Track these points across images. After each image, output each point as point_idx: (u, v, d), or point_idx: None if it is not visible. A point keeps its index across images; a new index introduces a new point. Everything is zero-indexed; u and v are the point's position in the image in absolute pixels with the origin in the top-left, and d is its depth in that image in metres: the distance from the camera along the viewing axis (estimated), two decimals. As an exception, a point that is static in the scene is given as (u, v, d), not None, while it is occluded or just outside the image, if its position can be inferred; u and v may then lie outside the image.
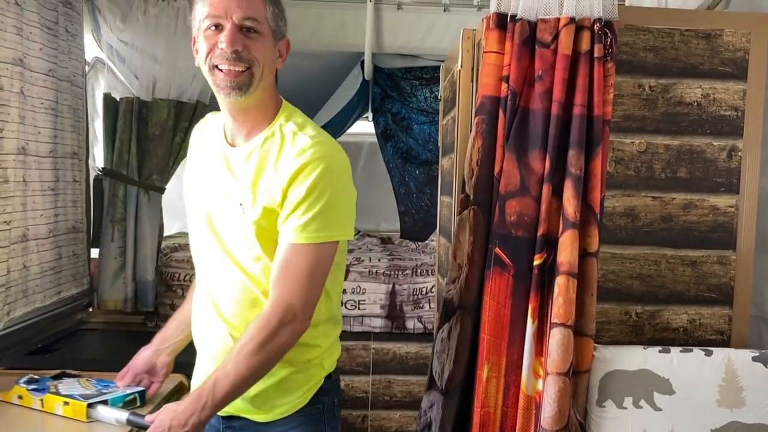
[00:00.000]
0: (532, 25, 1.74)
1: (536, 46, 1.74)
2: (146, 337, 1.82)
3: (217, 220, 1.49)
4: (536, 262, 1.73)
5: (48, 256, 2.74)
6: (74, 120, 2.95)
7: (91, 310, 3.26)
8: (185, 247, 4.18)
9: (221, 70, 1.39)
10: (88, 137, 3.21)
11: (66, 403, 1.66)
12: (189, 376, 2.13)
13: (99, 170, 3.29)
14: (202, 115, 3.29)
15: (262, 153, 1.43)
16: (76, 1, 2.95)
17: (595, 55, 1.72)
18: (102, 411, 1.63)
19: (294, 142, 1.41)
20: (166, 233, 3.73)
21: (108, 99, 3.24)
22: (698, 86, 1.87)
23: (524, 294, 1.74)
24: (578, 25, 1.72)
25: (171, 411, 1.39)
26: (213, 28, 1.40)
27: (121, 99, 3.22)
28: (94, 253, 3.31)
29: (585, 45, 1.72)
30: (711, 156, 1.87)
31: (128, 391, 1.70)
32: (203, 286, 1.56)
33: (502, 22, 1.76)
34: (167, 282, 3.45)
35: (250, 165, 1.44)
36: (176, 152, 3.31)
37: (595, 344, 1.77)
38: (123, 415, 1.57)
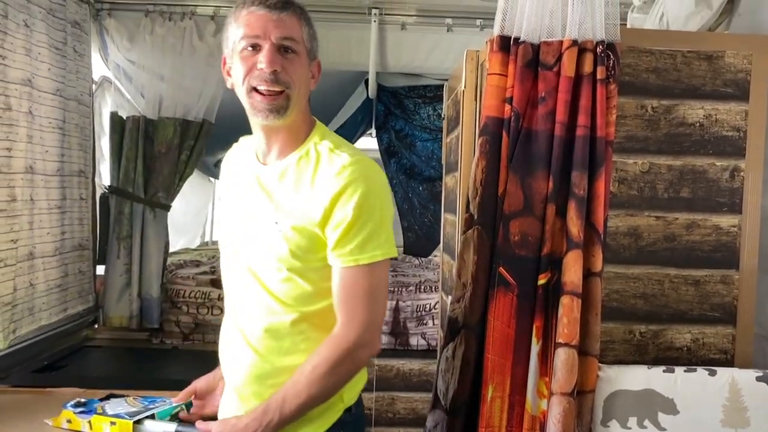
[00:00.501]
0: (535, 48, 1.76)
1: (539, 68, 1.76)
2: (151, 354, 1.85)
3: (247, 241, 1.47)
4: (540, 282, 1.74)
5: (54, 273, 2.76)
6: (81, 138, 2.99)
7: (96, 326, 3.28)
8: (190, 263, 4.20)
9: (259, 93, 1.38)
10: (95, 155, 3.24)
11: (113, 423, 1.64)
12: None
13: (105, 188, 3.32)
14: (207, 134, 3.40)
15: (297, 171, 1.42)
16: (84, 22, 3.00)
17: (598, 76, 1.74)
18: (149, 426, 1.60)
19: (332, 160, 1.39)
20: (171, 249, 3.75)
21: (115, 117, 3.27)
22: (700, 107, 1.88)
23: (529, 314, 1.75)
24: (581, 48, 1.74)
25: (230, 425, 1.38)
26: (250, 48, 1.38)
27: (127, 117, 3.26)
28: (100, 270, 3.33)
29: (588, 67, 1.74)
30: (713, 176, 1.89)
31: (175, 405, 1.66)
32: (231, 312, 1.53)
33: (505, 44, 1.78)
34: (172, 299, 3.47)
35: (285, 183, 1.42)
36: (182, 170, 3.34)
37: (600, 364, 1.77)
38: (170, 427, 1.55)
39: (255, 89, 1.38)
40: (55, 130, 2.74)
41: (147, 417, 1.61)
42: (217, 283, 3.59)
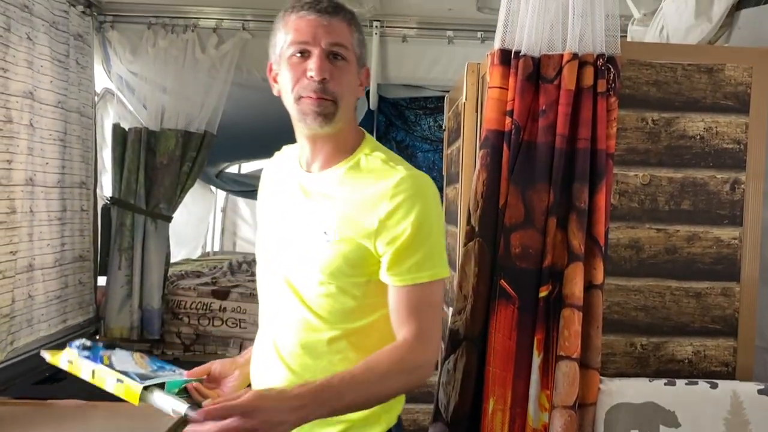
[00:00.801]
0: (536, 61, 1.77)
1: (540, 82, 1.76)
2: None
3: (287, 251, 1.41)
4: (541, 294, 1.74)
5: (54, 285, 2.77)
6: (83, 150, 3.00)
7: (98, 338, 3.28)
8: (192, 274, 4.21)
9: (309, 97, 1.32)
10: (97, 167, 3.25)
11: (119, 381, 1.42)
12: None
13: (107, 199, 3.33)
14: (209, 145, 3.41)
15: (348, 182, 1.36)
16: (87, 34, 3.02)
17: (598, 90, 1.75)
18: (158, 398, 1.40)
19: (387, 173, 1.34)
20: (172, 259, 3.75)
21: (117, 129, 3.29)
22: (701, 120, 1.89)
23: (530, 326, 1.75)
24: (581, 61, 1.75)
25: (271, 398, 1.16)
26: (299, 54, 1.32)
27: (129, 129, 3.27)
28: (102, 281, 3.33)
29: (588, 80, 1.75)
30: (714, 188, 1.89)
31: (187, 378, 1.48)
32: (266, 325, 1.48)
33: (506, 58, 1.78)
34: (173, 310, 3.47)
35: (334, 193, 1.37)
36: (184, 181, 3.36)
37: (601, 377, 1.77)
38: (182, 406, 1.35)
39: (302, 96, 1.33)
40: (56, 142, 2.75)
41: (157, 385, 1.43)
42: (218, 294, 3.60)
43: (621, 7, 2.08)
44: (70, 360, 1.51)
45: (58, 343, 2.87)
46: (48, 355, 1.52)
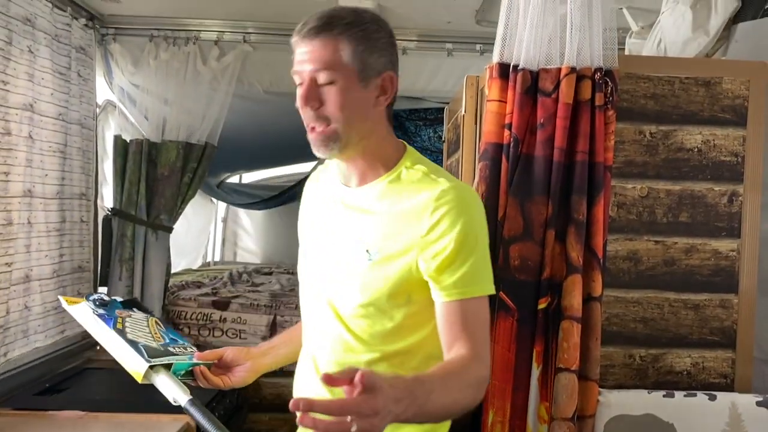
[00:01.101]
0: (534, 75, 1.78)
1: (538, 95, 1.78)
2: None
3: (328, 269, 1.38)
4: (540, 306, 1.75)
5: (51, 296, 2.76)
6: (83, 161, 3.01)
7: (98, 348, 3.29)
8: (192, 285, 4.22)
9: (312, 130, 1.29)
10: (98, 178, 3.26)
11: (127, 353, 1.37)
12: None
13: (108, 210, 3.34)
14: (210, 156, 3.43)
15: (389, 196, 1.32)
16: (89, 47, 3.03)
17: (596, 103, 1.76)
18: (162, 381, 1.35)
19: (429, 185, 1.29)
20: (172, 269, 3.76)
21: (118, 141, 3.30)
22: (698, 132, 1.90)
23: (529, 338, 1.76)
24: (579, 75, 1.76)
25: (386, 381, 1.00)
26: (299, 84, 1.29)
27: (131, 140, 3.29)
28: (103, 291, 3.34)
29: (586, 94, 1.76)
30: (712, 201, 1.90)
31: (195, 360, 1.44)
32: (307, 342, 1.45)
33: (504, 71, 1.80)
34: (174, 320, 3.48)
35: (375, 209, 1.33)
36: (184, 192, 3.37)
37: (600, 389, 1.78)
38: (183, 397, 1.31)
39: (309, 126, 1.30)
40: (55, 153, 2.76)
41: (163, 365, 1.37)
42: (218, 305, 3.61)
43: (619, 20, 2.11)
44: (84, 314, 1.45)
45: (61, 353, 2.88)
46: (65, 302, 1.46)
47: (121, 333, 1.40)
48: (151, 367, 1.34)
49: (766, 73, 1.91)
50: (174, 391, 1.32)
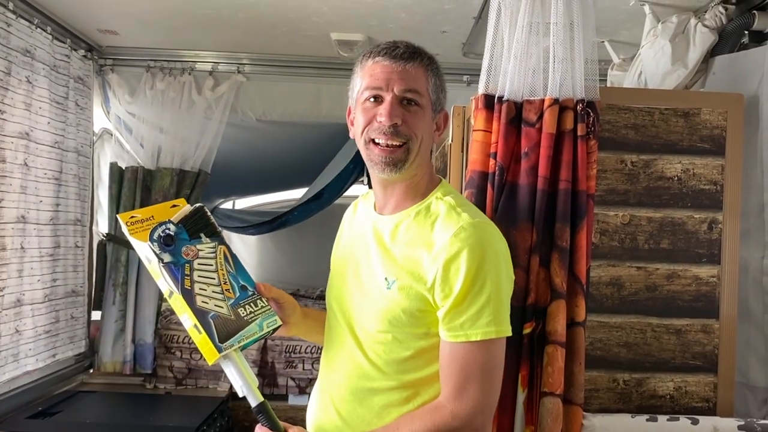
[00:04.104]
0: (518, 106, 1.83)
1: (522, 125, 1.82)
2: (145, 399, 1.78)
3: (351, 294, 1.39)
4: (525, 331, 1.78)
5: (43, 320, 2.79)
6: (79, 188, 3.05)
7: (92, 372, 3.30)
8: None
9: (377, 145, 1.33)
10: (93, 204, 3.31)
11: (197, 329, 1.27)
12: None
13: (103, 235, 3.38)
14: (203, 183, 3.47)
15: (414, 227, 1.34)
16: (87, 77, 3.10)
17: (579, 133, 1.81)
18: (231, 373, 1.29)
19: (450, 220, 1.29)
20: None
21: (114, 168, 3.35)
22: (678, 162, 1.96)
23: (514, 362, 1.78)
24: (562, 106, 1.81)
25: None
26: (372, 99, 1.33)
27: (126, 168, 3.34)
28: (96, 315, 3.36)
29: (569, 124, 1.81)
30: (692, 228, 1.95)
31: (266, 329, 1.34)
32: (324, 365, 1.46)
33: (489, 102, 1.85)
34: (166, 344, 3.49)
35: (399, 238, 1.34)
36: (178, 218, 3.41)
37: (584, 413, 1.80)
38: (253, 400, 1.28)
39: (373, 141, 1.34)
40: (50, 180, 2.80)
41: (234, 346, 1.28)
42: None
43: (600, 53, 2.18)
44: (148, 258, 1.33)
45: (54, 376, 2.90)
46: (128, 232, 1.33)
47: (189, 296, 1.29)
48: (224, 356, 1.27)
49: (743, 104, 1.97)
50: (244, 390, 1.28)
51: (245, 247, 6.47)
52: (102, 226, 3.49)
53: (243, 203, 6.46)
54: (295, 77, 3.37)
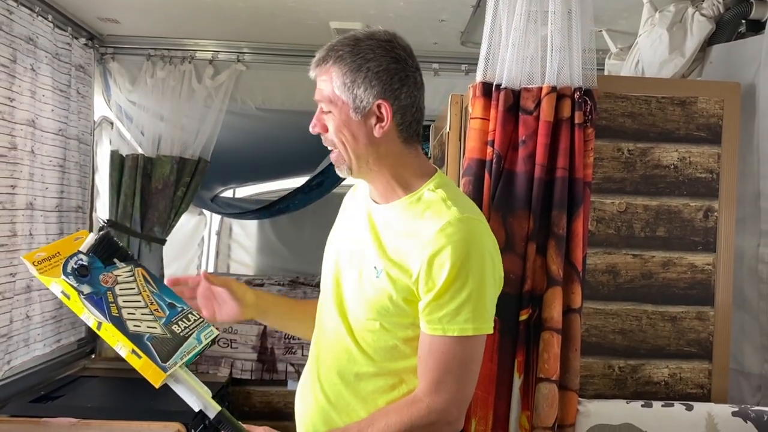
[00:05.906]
0: (516, 94, 1.84)
1: (520, 113, 1.83)
2: (145, 384, 1.75)
3: (344, 281, 1.40)
4: (522, 318, 1.80)
5: (49, 305, 2.82)
6: (81, 175, 3.07)
7: (93, 357, 3.33)
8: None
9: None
10: (93, 191, 3.33)
11: (136, 354, 1.22)
12: (186, 425, 2.17)
13: (103, 222, 3.40)
14: (203, 171, 3.49)
15: (404, 218, 1.34)
16: (88, 65, 3.11)
17: (576, 121, 1.82)
18: (181, 388, 1.28)
19: (439, 213, 1.28)
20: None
21: (115, 155, 3.37)
22: (674, 150, 1.97)
23: (511, 349, 1.80)
24: (559, 94, 1.82)
25: None
26: None
27: (127, 156, 3.36)
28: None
29: (566, 112, 1.82)
30: (688, 216, 1.96)
31: (204, 341, 1.34)
32: (314, 347, 1.47)
33: (487, 90, 1.86)
34: (166, 331, 3.51)
35: (390, 227, 1.35)
36: (177, 206, 3.43)
37: (580, 398, 1.82)
38: (211, 411, 1.26)
39: None
40: (55, 168, 2.82)
41: (179, 363, 1.27)
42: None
43: (598, 42, 2.18)
44: (67, 294, 1.25)
45: (57, 361, 2.92)
46: (35, 271, 1.24)
47: (120, 323, 1.24)
48: (170, 375, 1.25)
49: (740, 93, 1.98)
50: (199, 404, 1.27)
51: (246, 235, 6.50)
52: (101, 213, 3.50)
53: (243, 192, 6.48)
54: (294, 66, 3.37)
